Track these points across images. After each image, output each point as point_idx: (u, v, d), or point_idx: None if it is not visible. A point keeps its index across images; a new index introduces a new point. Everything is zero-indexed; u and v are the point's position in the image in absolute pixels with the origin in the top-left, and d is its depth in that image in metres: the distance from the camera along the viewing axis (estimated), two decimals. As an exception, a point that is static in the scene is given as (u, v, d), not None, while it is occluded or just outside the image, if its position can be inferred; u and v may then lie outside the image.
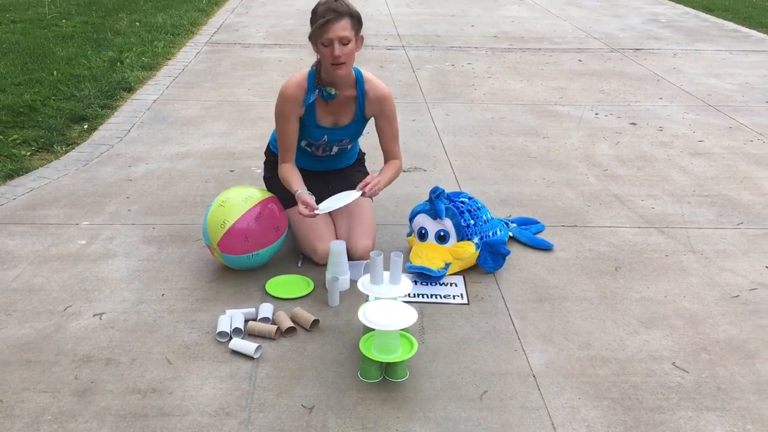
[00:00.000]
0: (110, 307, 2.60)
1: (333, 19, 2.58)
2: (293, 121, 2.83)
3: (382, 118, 2.92)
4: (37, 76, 5.44)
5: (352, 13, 2.65)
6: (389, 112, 2.91)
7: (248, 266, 2.80)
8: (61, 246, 3.03)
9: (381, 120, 2.93)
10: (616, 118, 4.95)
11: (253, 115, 4.83)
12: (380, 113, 2.90)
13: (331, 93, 2.80)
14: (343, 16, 2.60)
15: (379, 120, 2.93)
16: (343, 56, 2.64)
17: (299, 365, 2.31)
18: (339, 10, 2.60)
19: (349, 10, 2.64)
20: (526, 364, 2.34)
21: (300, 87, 2.78)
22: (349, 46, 2.64)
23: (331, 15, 2.58)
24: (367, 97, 2.86)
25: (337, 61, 2.64)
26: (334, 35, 2.59)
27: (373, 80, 2.87)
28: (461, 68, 6.26)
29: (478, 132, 4.61)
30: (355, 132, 2.98)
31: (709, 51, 7.17)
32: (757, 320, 2.61)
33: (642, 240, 3.21)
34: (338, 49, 2.62)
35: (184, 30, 7.39)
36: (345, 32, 2.61)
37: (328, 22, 2.58)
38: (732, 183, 3.86)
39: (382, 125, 2.93)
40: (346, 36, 2.61)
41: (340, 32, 2.60)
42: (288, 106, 2.80)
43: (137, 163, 3.97)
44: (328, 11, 2.59)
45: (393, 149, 2.98)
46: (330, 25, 2.58)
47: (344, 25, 2.60)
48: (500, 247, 2.85)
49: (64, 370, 2.25)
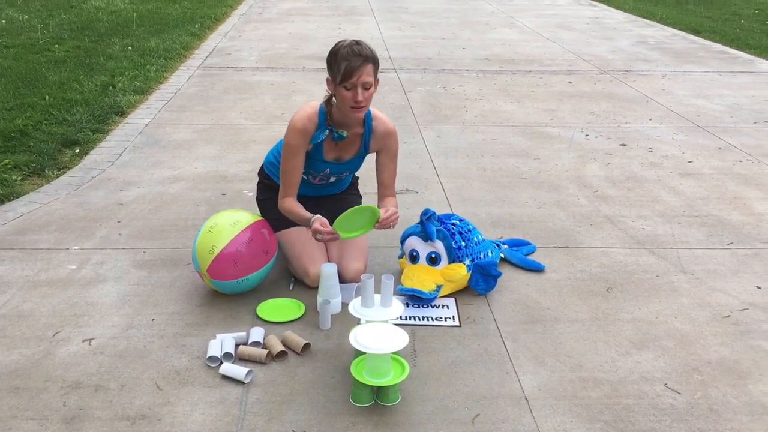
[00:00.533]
0: (100, 332, 2.58)
1: (360, 66, 2.58)
2: (300, 155, 2.80)
3: (384, 154, 2.92)
4: (29, 100, 5.45)
5: (375, 58, 2.66)
6: (393, 149, 2.92)
7: (239, 291, 2.79)
8: (51, 271, 3.01)
9: (383, 156, 2.93)
10: (606, 140, 4.98)
11: (244, 139, 4.84)
12: (384, 149, 2.91)
13: (343, 135, 2.80)
14: (368, 61, 2.61)
15: (382, 155, 2.93)
16: (365, 101, 2.65)
17: (290, 390, 2.29)
18: (364, 54, 2.60)
19: (372, 54, 2.65)
20: (518, 387, 2.33)
21: (311, 121, 2.76)
22: (371, 91, 2.65)
23: (357, 61, 2.58)
24: (374, 134, 2.87)
25: (358, 105, 2.65)
26: (358, 80, 2.59)
27: (381, 117, 2.88)
28: (452, 90, 6.30)
29: (469, 154, 4.63)
30: (356, 166, 3.00)
31: (698, 72, 7.25)
32: (748, 341, 2.61)
33: (633, 261, 3.21)
34: (361, 94, 2.62)
35: (176, 54, 7.43)
36: (369, 77, 2.62)
37: (355, 67, 2.58)
38: (722, 203, 3.88)
39: (385, 161, 2.93)
40: (369, 81, 2.62)
41: (364, 77, 2.60)
42: (299, 139, 2.76)
43: (128, 187, 3.96)
44: (353, 55, 2.59)
45: (391, 186, 2.97)
46: (356, 70, 2.58)
47: (368, 71, 2.61)
48: (492, 269, 2.85)
49: (52, 396, 2.23)
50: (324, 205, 3.04)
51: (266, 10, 10.81)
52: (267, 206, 3.06)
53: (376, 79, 2.69)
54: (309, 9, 10.98)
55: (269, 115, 5.43)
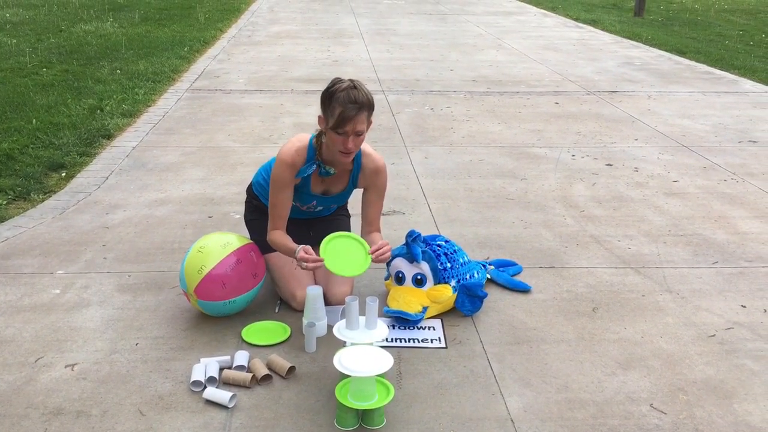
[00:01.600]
0: (83, 357, 2.56)
1: (355, 115, 2.52)
2: (288, 189, 2.75)
3: (372, 191, 2.86)
4: (16, 124, 5.44)
5: (371, 104, 2.59)
6: (381, 186, 2.86)
7: (224, 313, 2.78)
8: (34, 296, 2.99)
9: (371, 193, 2.87)
10: (593, 160, 5.01)
11: (232, 161, 4.84)
12: (372, 186, 2.85)
13: (330, 172, 2.78)
14: (363, 109, 2.54)
15: (369, 192, 2.87)
16: (355, 148, 2.61)
17: (275, 414, 2.28)
18: (359, 101, 2.53)
19: (368, 100, 2.57)
20: (504, 408, 2.32)
21: (299, 155, 2.71)
22: (362, 137, 2.61)
23: (353, 110, 2.51)
24: (363, 171, 2.83)
25: (347, 152, 2.60)
26: (351, 129, 2.54)
27: (371, 154, 2.82)
28: (440, 112, 6.34)
29: (456, 175, 4.65)
30: (343, 199, 2.98)
31: (683, 93, 7.32)
32: (733, 360, 2.61)
33: (619, 280, 3.22)
34: (351, 141, 2.57)
35: (165, 77, 7.44)
36: (362, 126, 2.57)
37: (350, 117, 2.52)
38: (707, 222, 3.91)
39: (372, 198, 2.87)
40: (361, 129, 2.57)
41: (358, 126, 2.55)
42: (286, 172, 2.71)
43: (114, 210, 3.95)
44: (349, 103, 2.51)
45: (376, 222, 2.91)
46: (350, 120, 2.52)
47: (362, 119, 2.55)
48: (477, 290, 2.85)
49: (33, 423, 2.21)
50: (313, 227, 3.04)
51: (256, 33, 10.86)
52: (254, 227, 3.06)
53: (370, 121, 2.62)
54: (298, 32, 11.05)
55: (257, 137, 5.44)
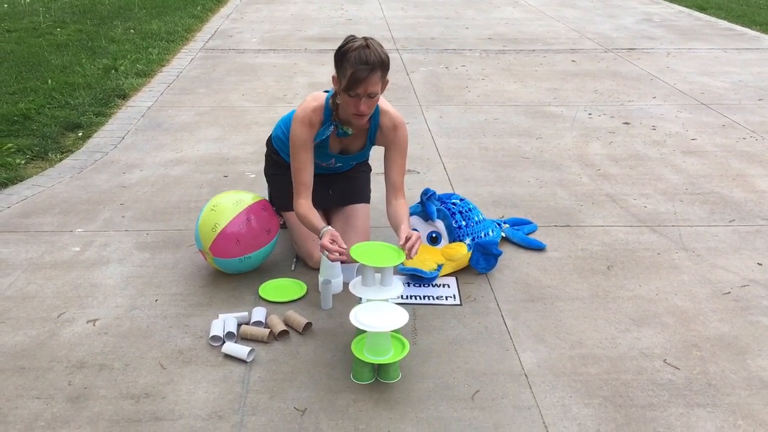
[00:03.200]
0: (104, 313, 2.61)
1: (366, 76, 2.43)
2: (308, 150, 2.70)
3: (393, 149, 2.76)
4: (32, 84, 5.46)
5: (384, 63, 2.48)
6: (400, 143, 2.74)
7: (241, 270, 2.81)
8: (55, 253, 3.04)
9: (392, 151, 2.76)
10: (610, 118, 4.96)
11: (247, 121, 4.84)
12: (392, 144, 2.75)
13: (347, 132, 2.74)
14: (375, 69, 2.44)
15: (390, 151, 2.76)
16: (368, 109, 2.53)
17: (292, 368, 2.32)
18: (371, 61, 2.42)
19: (381, 59, 2.46)
20: (518, 364, 2.35)
21: (316, 114, 2.67)
22: (376, 98, 2.53)
23: (364, 71, 2.42)
24: (380, 129, 2.76)
25: (360, 113, 2.54)
26: (363, 91, 2.46)
27: (389, 111, 2.74)
28: (455, 70, 6.28)
29: (471, 134, 4.63)
30: (362, 157, 2.95)
31: (703, 50, 7.19)
32: (747, 316, 2.62)
33: (634, 239, 3.22)
34: (364, 104, 2.50)
35: (178, 37, 7.41)
36: (375, 87, 2.47)
37: (361, 78, 2.43)
38: (724, 181, 3.88)
39: (393, 157, 2.76)
40: (374, 90, 2.48)
41: (370, 87, 2.46)
42: (305, 132, 2.67)
43: (131, 169, 3.98)
44: (360, 63, 2.42)
45: (401, 187, 2.78)
46: (362, 81, 2.43)
47: (375, 80, 2.45)
48: (492, 248, 2.86)
49: (57, 376, 2.26)
50: (333, 185, 3.04)
51: (268, -8, 10.75)
52: (275, 181, 3.06)
53: (386, 80, 2.54)
54: (311, -10, 10.91)
55: (271, 96, 5.43)
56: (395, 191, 2.77)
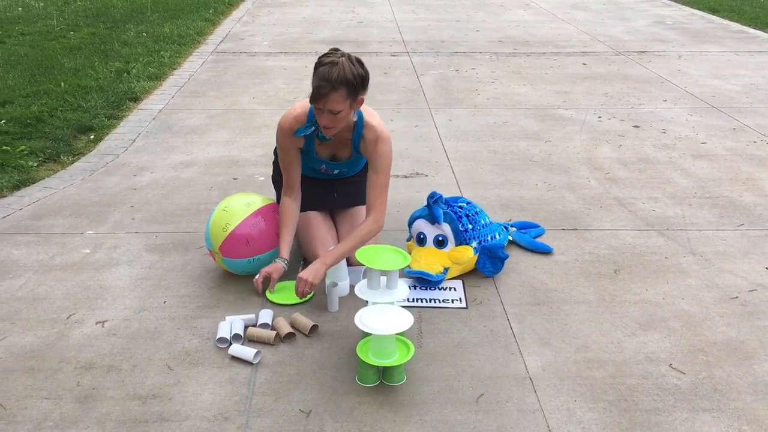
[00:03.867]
0: (113, 314, 2.64)
1: (327, 93, 2.47)
2: (292, 153, 2.79)
3: (371, 163, 2.74)
4: (45, 87, 5.52)
5: (348, 81, 2.48)
6: (381, 156, 2.71)
7: (249, 271, 2.83)
8: (65, 255, 3.07)
9: (370, 165, 2.75)
10: (619, 121, 4.95)
11: (257, 123, 4.87)
12: (371, 156, 2.74)
13: (326, 137, 2.77)
14: (336, 88, 2.46)
15: (369, 165, 2.76)
16: (330, 124, 2.57)
17: (297, 370, 2.33)
18: (332, 80, 2.45)
19: (345, 78, 2.46)
20: (523, 367, 2.35)
21: (297, 121, 2.73)
22: (340, 115, 2.54)
23: (325, 87, 2.46)
24: (363, 140, 2.77)
25: (324, 126, 2.60)
26: (323, 107, 2.51)
27: (373, 126, 2.73)
28: (465, 73, 6.28)
29: (480, 137, 4.63)
30: (354, 164, 2.95)
31: (715, 52, 7.16)
32: (755, 321, 2.61)
33: (642, 242, 3.21)
34: (326, 119, 2.55)
35: (190, 40, 7.46)
36: (335, 104, 2.49)
37: (321, 94, 2.48)
38: (734, 184, 3.86)
39: (370, 173, 2.74)
40: (335, 108, 2.50)
41: (330, 105, 2.50)
42: (287, 139, 2.76)
43: (142, 172, 4.01)
44: (323, 80, 2.46)
45: (372, 202, 2.72)
46: (322, 97, 2.48)
47: (336, 98, 2.48)
48: (499, 252, 2.87)
49: (66, 377, 2.29)
50: (337, 188, 3.06)
51: (280, -5, 10.80)
52: (280, 188, 3.08)
53: (359, 99, 2.56)
54: (323, -7, 10.95)
55: (282, 99, 5.46)
56: (368, 209, 2.74)
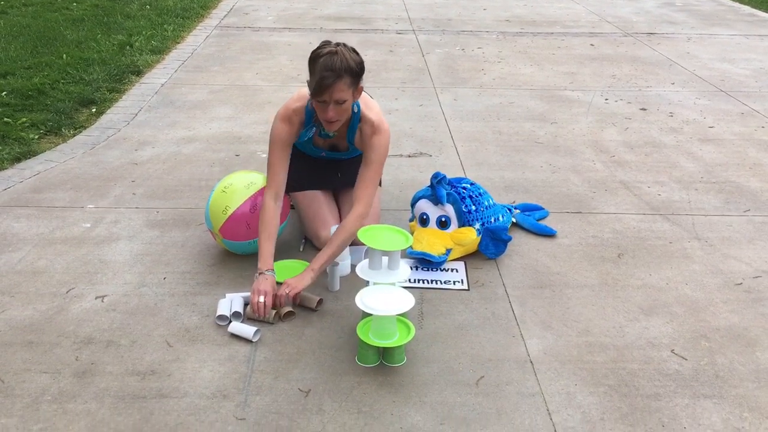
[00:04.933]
0: (112, 289, 2.62)
1: (332, 83, 2.39)
2: (285, 149, 2.66)
3: (366, 154, 2.66)
4: (47, 59, 5.47)
5: (351, 69, 2.42)
6: (376, 148, 2.63)
7: (250, 252, 2.81)
8: (65, 229, 3.05)
9: (364, 155, 2.66)
10: (626, 104, 4.90)
11: (260, 100, 4.83)
12: (366, 148, 2.66)
13: (329, 134, 2.72)
14: (341, 76, 2.39)
15: (364, 155, 2.67)
16: (336, 116, 2.50)
17: (297, 349, 2.32)
18: (336, 68, 2.38)
19: (348, 65, 2.41)
20: (524, 350, 2.34)
21: (297, 114, 2.66)
22: (345, 105, 2.48)
23: (330, 77, 2.38)
24: (359, 132, 2.70)
25: (328, 120, 2.51)
26: (329, 97, 2.43)
27: (369, 118, 2.65)
28: (471, 53, 6.21)
29: (485, 117, 4.59)
30: (353, 153, 2.91)
31: (724, 35, 7.07)
32: (759, 308, 2.59)
33: (646, 227, 3.18)
34: (332, 111, 2.46)
35: (194, 13, 7.39)
36: (341, 93, 2.42)
37: (326, 85, 2.39)
38: (741, 170, 3.82)
39: (363, 164, 2.65)
40: (341, 97, 2.43)
41: (336, 94, 2.42)
42: (283, 130, 2.65)
43: (143, 146, 3.98)
44: (326, 70, 2.38)
45: (360, 196, 2.61)
46: (327, 88, 2.40)
47: (341, 86, 2.41)
48: (502, 234, 2.84)
49: (65, 351, 2.28)
50: (342, 166, 3.02)
51: (286, -31, 10.68)
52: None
53: (359, 87, 2.50)
54: (329, -32, 10.83)
55: (285, 76, 5.41)
56: (353, 200, 2.63)
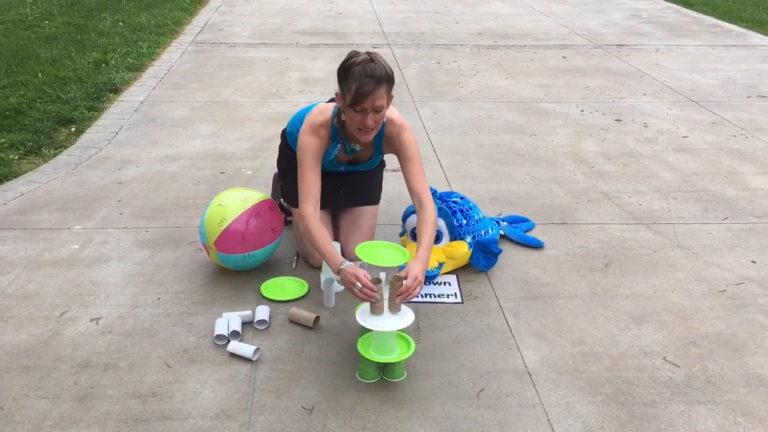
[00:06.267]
0: (106, 311, 2.61)
1: (372, 90, 2.33)
2: (316, 164, 2.57)
3: (402, 156, 2.62)
4: (22, 78, 5.41)
5: (390, 77, 2.38)
6: (409, 146, 2.60)
7: (244, 267, 2.82)
8: (54, 251, 3.02)
9: (402, 158, 2.63)
10: (602, 115, 5.00)
11: (241, 116, 4.83)
12: (399, 150, 2.63)
13: (355, 149, 2.70)
14: (381, 83, 2.34)
15: (401, 158, 2.64)
16: (375, 125, 2.43)
17: (298, 367, 2.33)
18: (377, 75, 2.33)
19: (387, 72, 2.37)
20: (521, 362, 2.38)
21: (324, 128, 2.59)
22: (383, 113, 2.42)
23: (370, 84, 2.32)
24: (385, 138, 2.68)
25: (367, 129, 2.44)
26: (369, 105, 2.36)
27: (393, 120, 2.63)
28: (447, 66, 6.29)
29: (466, 130, 4.65)
30: (373, 163, 2.89)
31: (691, 46, 7.26)
32: (744, 314, 2.67)
33: (630, 236, 3.26)
34: (371, 119, 2.39)
35: (168, 30, 7.36)
36: (381, 100, 2.37)
37: (367, 92, 2.33)
38: (716, 178, 3.93)
39: (405, 165, 2.61)
40: (381, 104, 2.38)
41: (377, 101, 2.36)
42: (314, 142, 2.57)
43: (127, 165, 3.96)
44: (365, 77, 2.32)
45: (424, 191, 2.56)
46: (368, 95, 2.33)
47: (381, 93, 2.36)
48: (492, 246, 2.89)
49: (63, 375, 2.26)
50: (345, 184, 2.99)
51: (257, -16, 10.69)
52: (285, 175, 3.04)
53: (390, 96, 2.44)
54: (300, -17, 10.87)
55: (265, 92, 5.42)
56: (417, 197, 2.57)
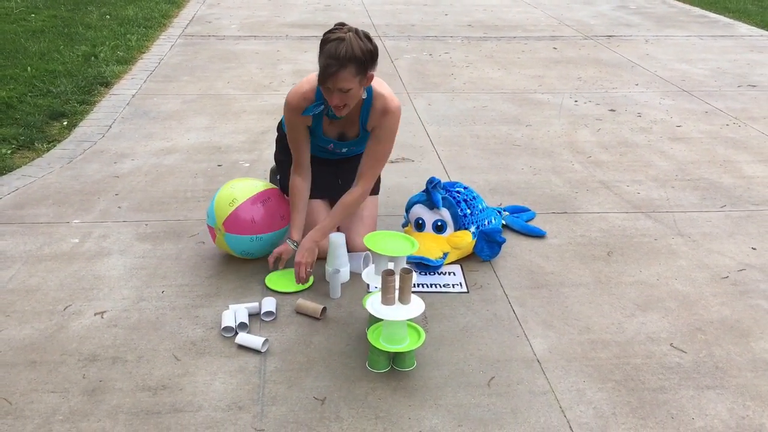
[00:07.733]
0: (111, 305, 2.59)
1: (335, 72, 2.38)
2: (302, 131, 2.70)
3: (374, 132, 2.68)
4: (11, 72, 5.34)
5: (357, 58, 2.38)
6: (387, 128, 2.66)
7: (249, 251, 2.79)
8: (53, 245, 2.99)
9: (373, 135, 2.69)
10: (595, 105, 5.02)
11: (235, 109, 4.80)
12: (377, 127, 2.67)
13: (337, 116, 2.69)
14: (345, 65, 2.37)
15: (373, 133, 2.69)
16: (341, 102, 2.48)
17: (307, 358, 2.32)
18: (341, 57, 2.36)
19: (354, 55, 2.37)
20: (530, 350, 2.39)
21: (305, 98, 2.64)
22: (351, 93, 2.46)
23: (333, 66, 2.37)
24: (372, 112, 2.68)
25: (335, 106, 2.51)
26: (333, 86, 2.43)
27: (383, 95, 2.65)
28: (439, 57, 6.28)
29: (461, 121, 4.65)
30: (362, 142, 2.86)
31: (680, 37, 7.30)
32: (747, 300, 2.69)
33: (631, 225, 3.28)
34: (336, 97, 2.46)
35: (156, 23, 7.29)
36: (345, 83, 2.41)
37: (330, 73, 2.39)
38: (712, 167, 3.96)
39: (370, 142, 2.69)
40: (345, 86, 2.42)
41: (340, 83, 2.41)
42: (294, 117, 2.67)
43: (122, 159, 3.92)
44: (330, 58, 2.37)
45: (365, 172, 2.70)
46: (331, 76, 2.39)
47: (345, 76, 2.39)
48: (496, 236, 2.89)
49: (70, 369, 2.24)
50: (343, 172, 2.99)
51: (243, -23, 10.61)
52: (283, 168, 3.02)
53: (368, 75, 2.47)
54: (287, -25, 10.80)
55: (257, 84, 5.38)
56: (359, 177, 2.71)
